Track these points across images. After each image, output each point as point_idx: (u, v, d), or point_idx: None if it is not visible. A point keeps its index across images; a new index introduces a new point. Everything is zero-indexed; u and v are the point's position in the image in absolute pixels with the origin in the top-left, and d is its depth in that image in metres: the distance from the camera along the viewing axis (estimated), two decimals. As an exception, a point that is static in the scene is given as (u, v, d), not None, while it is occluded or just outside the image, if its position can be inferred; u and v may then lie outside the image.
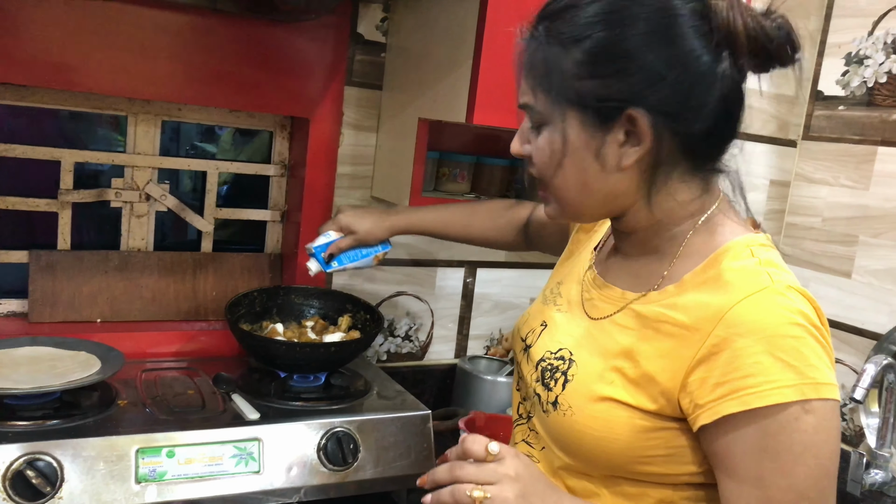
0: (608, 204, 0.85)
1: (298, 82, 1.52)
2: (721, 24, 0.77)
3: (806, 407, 0.73)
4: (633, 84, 0.77)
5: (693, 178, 0.84)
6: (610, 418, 0.82)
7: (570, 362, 0.88)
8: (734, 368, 0.75)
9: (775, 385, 0.73)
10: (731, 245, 0.82)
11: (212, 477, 1.14)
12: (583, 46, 0.78)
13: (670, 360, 0.79)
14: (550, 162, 0.84)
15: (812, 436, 0.74)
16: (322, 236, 1.37)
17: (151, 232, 1.56)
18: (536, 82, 0.83)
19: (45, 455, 1.04)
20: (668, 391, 0.79)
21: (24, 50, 1.30)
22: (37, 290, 1.45)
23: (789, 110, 2.00)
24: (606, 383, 0.83)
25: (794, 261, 1.99)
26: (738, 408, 0.74)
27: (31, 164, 1.47)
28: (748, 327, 0.75)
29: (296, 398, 1.31)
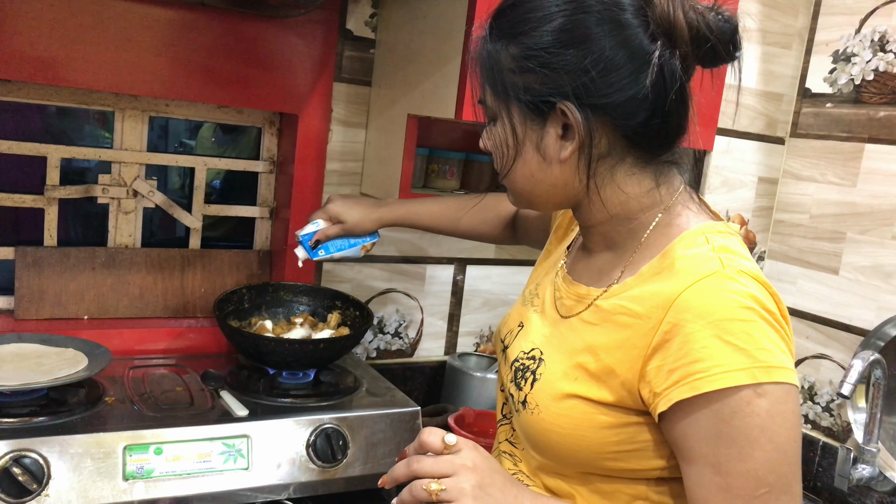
0: (556, 195, 0.87)
1: (287, 78, 1.52)
2: (659, 15, 0.78)
3: (758, 391, 0.73)
4: (560, 78, 0.79)
5: (643, 171, 0.85)
6: (574, 415, 0.83)
7: (540, 361, 0.89)
8: (684, 354, 0.75)
9: (725, 369, 0.73)
10: (685, 234, 0.83)
11: (200, 474, 1.13)
12: (517, 43, 0.81)
13: (626, 351, 0.80)
14: (501, 154, 0.87)
15: (766, 420, 0.73)
16: (311, 224, 1.37)
17: (139, 228, 1.55)
18: (483, 78, 0.87)
19: (32, 452, 1.03)
20: (628, 382, 0.80)
21: (9, 44, 1.29)
22: (23, 286, 1.44)
23: (777, 108, 2.01)
24: (570, 380, 0.84)
25: (782, 257, 2.00)
26: (689, 393, 0.74)
27: (17, 160, 1.46)
28: (696, 312, 0.75)
29: (285, 395, 1.31)
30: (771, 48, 1.95)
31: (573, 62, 0.79)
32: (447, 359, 1.77)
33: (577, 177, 0.84)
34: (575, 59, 0.78)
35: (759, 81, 1.96)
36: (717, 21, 0.79)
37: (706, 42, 0.79)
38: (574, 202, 0.88)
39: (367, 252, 1.41)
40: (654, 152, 0.85)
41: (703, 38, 0.79)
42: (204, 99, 1.48)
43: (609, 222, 0.88)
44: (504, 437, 1.00)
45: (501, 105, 0.85)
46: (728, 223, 0.87)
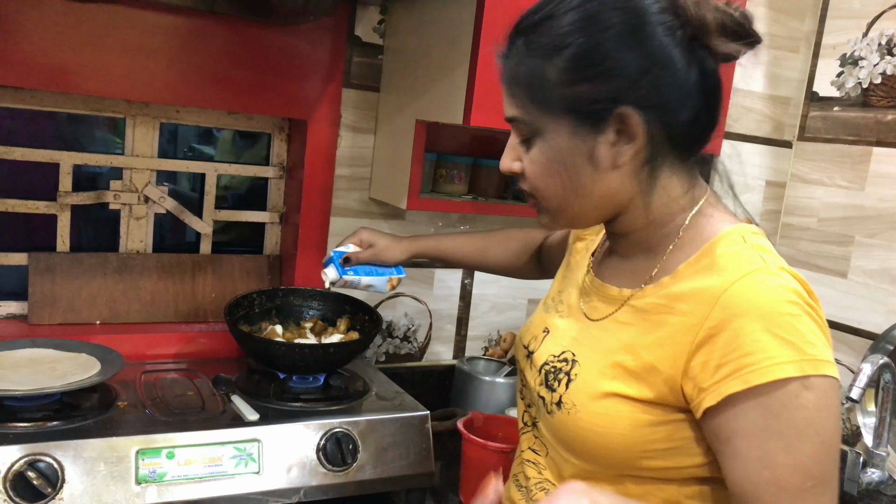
0: (604, 206, 0.87)
1: (296, 84, 1.53)
2: (693, 16, 0.81)
3: (806, 383, 0.74)
4: (619, 83, 0.80)
5: (681, 171, 0.86)
6: (612, 413, 0.83)
7: (573, 363, 0.89)
8: (734, 348, 0.76)
9: (775, 361, 0.74)
10: (723, 234, 0.84)
11: (212, 478, 1.14)
12: (565, 54, 0.81)
13: (670, 348, 0.80)
14: (546, 171, 0.85)
15: (813, 413, 0.74)
16: (341, 246, 1.39)
17: (150, 234, 1.57)
18: (523, 95, 0.85)
19: (46, 456, 1.04)
20: (671, 378, 0.80)
21: (23, 52, 1.31)
22: (36, 292, 1.45)
23: (784, 111, 2.01)
24: (608, 379, 0.84)
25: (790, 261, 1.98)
26: (741, 386, 0.75)
27: (30, 167, 1.47)
28: (745, 307, 0.76)
29: (295, 399, 1.32)
30: (778, 52, 1.96)
31: (629, 67, 0.79)
32: (456, 363, 1.78)
33: (629, 183, 0.85)
34: (631, 63, 0.79)
35: (766, 85, 1.96)
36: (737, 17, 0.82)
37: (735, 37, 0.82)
38: (617, 212, 0.88)
39: (394, 288, 1.41)
40: (692, 149, 0.86)
41: (731, 34, 0.82)
42: (214, 105, 1.49)
43: (649, 227, 0.88)
44: (527, 445, 1.00)
45: (546, 120, 0.83)
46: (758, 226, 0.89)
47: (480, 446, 1.32)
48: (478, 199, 1.66)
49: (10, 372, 1.19)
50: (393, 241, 1.39)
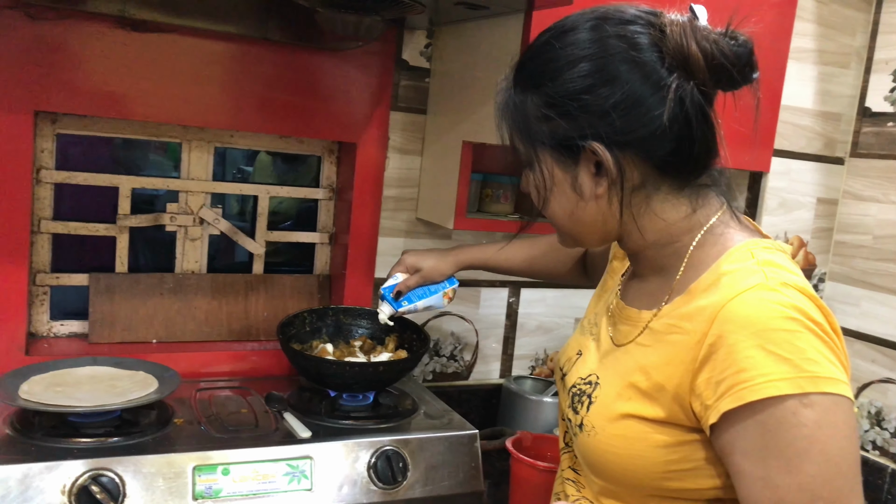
0: (597, 230, 0.90)
1: (346, 108, 1.56)
2: (674, 49, 0.81)
3: (804, 401, 0.72)
4: (586, 121, 0.82)
5: (678, 197, 0.87)
6: (630, 435, 0.84)
7: (596, 385, 0.90)
8: (729, 364, 0.75)
9: (768, 378, 0.73)
10: (732, 250, 0.84)
11: (265, 494, 1.16)
12: (540, 92, 0.85)
13: (675, 366, 0.81)
14: (539, 196, 0.91)
15: (815, 431, 0.72)
16: (390, 279, 1.41)
17: (205, 255, 1.61)
18: (512, 127, 0.90)
19: (108, 471, 1.07)
20: (679, 396, 0.80)
21: (86, 81, 1.37)
22: (96, 311, 1.50)
23: (835, 127, 1.98)
24: (624, 400, 0.85)
25: (844, 279, 1.96)
26: (734, 403, 0.74)
27: (89, 191, 1.53)
28: (739, 322, 0.75)
29: (345, 417, 1.33)
30: (828, 68, 1.93)
31: (597, 105, 0.82)
32: (503, 382, 1.78)
33: (613, 211, 0.87)
34: (598, 101, 0.82)
35: (817, 101, 1.94)
36: (731, 47, 0.81)
37: (722, 69, 0.81)
38: (616, 234, 0.91)
39: (451, 300, 1.43)
40: (687, 178, 0.86)
41: (719, 66, 0.80)
42: (267, 130, 1.53)
43: (651, 248, 0.90)
44: (567, 465, 1.01)
45: (532, 151, 0.88)
46: (776, 241, 0.87)
47: (530, 466, 1.32)
48: (524, 219, 1.67)
49: (72, 389, 1.23)
50: (438, 259, 1.40)
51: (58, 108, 1.37)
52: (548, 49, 0.85)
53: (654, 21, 0.83)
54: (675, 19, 0.82)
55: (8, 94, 1.31)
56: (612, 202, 0.86)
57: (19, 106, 1.33)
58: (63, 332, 1.53)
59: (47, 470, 1.05)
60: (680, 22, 0.82)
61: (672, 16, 0.83)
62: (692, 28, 0.81)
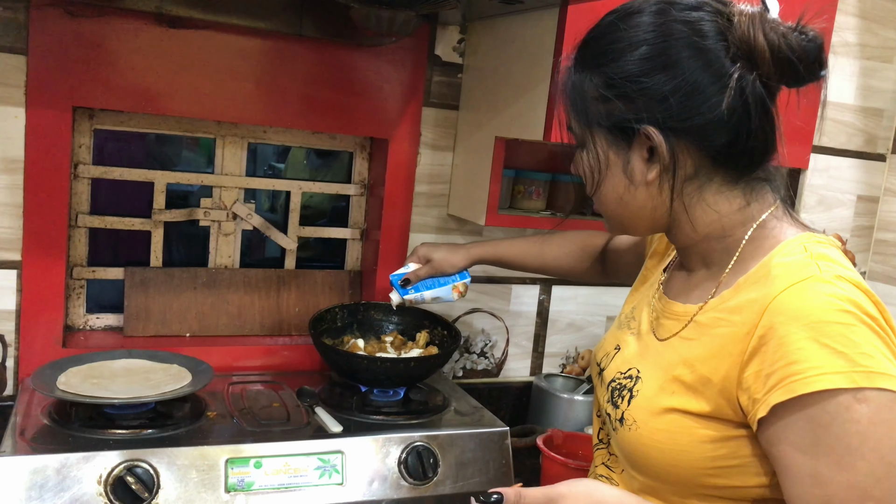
0: (646, 217, 0.89)
1: (378, 104, 1.56)
2: (739, 38, 0.79)
3: (858, 396, 0.70)
4: (645, 104, 0.82)
5: (732, 190, 0.85)
6: (673, 430, 0.82)
7: (637, 379, 0.89)
8: (780, 357, 0.73)
9: (821, 371, 0.71)
10: (784, 243, 0.83)
11: (297, 488, 1.17)
12: (600, 72, 0.84)
13: (722, 359, 0.79)
14: (590, 179, 0.90)
15: (868, 427, 0.70)
16: (403, 268, 1.44)
17: (238, 250, 1.62)
18: (569, 107, 0.89)
19: (143, 462, 1.09)
20: (726, 390, 0.79)
21: (121, 77, 1.38)
22: (131, 305, 1.52)
23: (877, 123, 1.93)
24: (668, 394, 0.84)
25: (885, 278, 1.91)
26: (785, 396, 0.72)
27: (124, 186, 1.55)
28: (792, 314, 0.74)
29: (376, 412, 1.34)
30: (870, 62, 1.89)
31: (655, 89, 0.81)
32: (533, 379, 1.77)
33: (664, 198, 0.86)
34: (657, 85, 0.81)
35: (858, 97, 1.90)
36: (800, 41, 0.79)
37: (789, 63, 0.79)
38: (665, 224, 0.89)
39: (462, 294, 1.44)
40: (742, 171, 0.85)
41: (785, 60, 0.79)
42: (300, 125, 1.54)
43: (703, 241, 0.88)
44: (601, 461, 1.00)
45: (587, 132, 0.88)
46: (829, 236, 0.86)
47: (561, 464, 1.31)
48: (556, 215, 1.66)
49: (108, 381, 1.25)
50: (449, 252, 1.41)
51: (95, 103, 1.39)
52: (611, 30, 0.85)
53: (722, 9, 0.82)
54: (745, 9, 0.81)
55: (48, 91, 1.34)
56: (662, 189, 0.85)
57: (58, 102, 1.35)
58: (99, 325, 1.55)
59: (84, 460, 1.07)
60: (749, 12, 0.80)
61: (742, 6, 0.82)
62: (761, 19, 0.80)
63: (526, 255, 1.41)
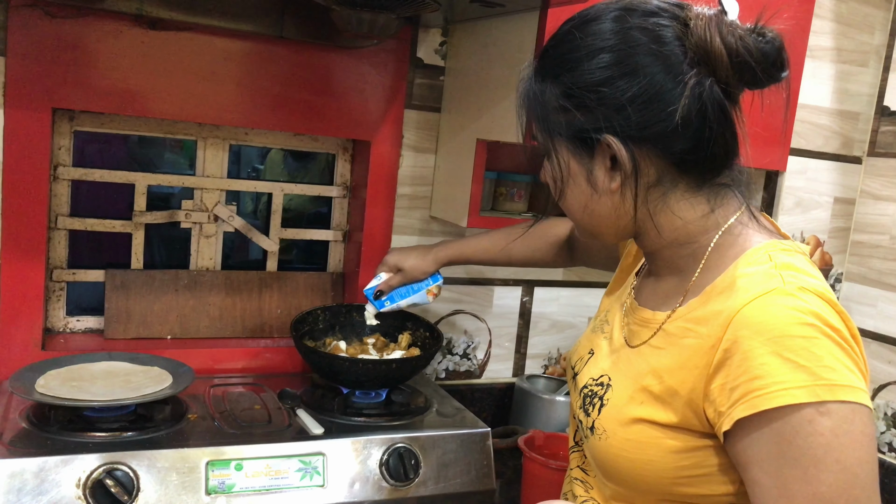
0: (612, 225, 0.88)
1: (360, 106, 1.56)
2: (696, 43, 0.79)
3: (821, 409, 0.71)
4: (602, 114, 0.81)
5: (696, 196, 0.85)
6: (642, 440, 0.83)
7: (608, 387, 0.89)
8: (743, 371, 0.74)
9: (784, 386, 0.71)
10: (749, 252, 0.82)
11: (278, 490, 1.17)
12: (558, 82, 0.84)
13: (689, 371, 0.79)
14: (555, 187, 0.90)
15: (832, 439, 0.71)
16: (374, 279, 1.46)
17: (219, 252, 1.62)
18: (530, 117, 0.89)
19: (123, 465, 1.08)
20: (692, 402, 0.79)
21: (102, 79, 1.38)
22: (112, 307, 1.51)
23: (853, 126, 1.96)
24: (636, 404, 0.84)
25: (861, 279, 1.94)
26: (749, 411, 0.73)
27: (105, 188, 1.54)
28: (755, 329, 0.74)
29: (358, 414, 1.34)
30: (846, 66, 1.91)
31: (614, 98, 0.80)
32: (516, 380, 1.78)
33: (628, 206, 0.86)
34: (616, 94, 0.80)
35: (834, 100, 1.92)
36: (757, 44, 0.78)
37: (747, 66, 0.78)
38: (631, 230, 0.89)
39: (436, 296, 1.47)
40: (705, 177, 0.85)
41: (743, 63, 0.78)
42: (282, 127, 1.54)
43: (668, 247, 0.88)
44: (576, 464, 1.00)
45: (549, 141, 0.87)
46: (795, 242, 0.86)
47: (542, 464, 1.32)
48: (538, 217, 1.67)
49: (88, 384, 1.24)
50: (419, 258, 1.43)
51: (75, 105, 1.38)
52: (569, 38, 0.84)
53: (678, 14, 0.81)
54: (702, 13, 0.80)
55: (26, 92, 1.33)
56: (626, 198, 0.85)
57: (37, 103, 1.34)
58: (79, 327, 1.54)
59: (63, 463, 1.06)
60: (706, 16, 0.79)
61: (699, 9, 0.81)
62: (718, 22, 0.79)
63: (491, 253, 1.41)
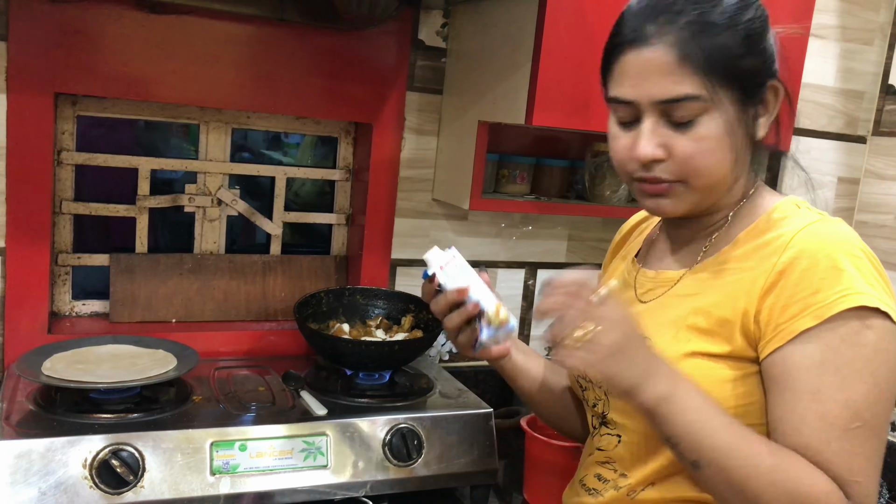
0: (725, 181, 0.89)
1: (362, 89, 1.56)
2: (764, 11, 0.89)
3: (867, 322, 0.77)
4: (771, 59, 0.87)
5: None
6: (695, 373, 0.84)
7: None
8: (802, 288, 0.79)
9: (841, 294, 0.78)
10: (777, 204, 0.90)
11: (282, 470, 1.18)
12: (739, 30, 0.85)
13: (737, 299, 0.84)
14: (716, 147, 0.85)
15: (871, 353, 0.77)
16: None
17: (223, 235, 1.63)
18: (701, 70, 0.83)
19: (128, 446, 1.09)
20: (744, 327, 0.83)
21: (104, 63, 1.38)
22: (117, 291, 1.53)
23: (858, 105, 1.95)
24: (684, 342, 0.87)
25: (865, 260, 1.93)
26: (811, 322, 0.78)
27: (109, 172, 1.55)
28: (812, 249, 0.81)
29: (361, 395, 1.35)
30: (851, 45, 1.90)
31: (772, 47, 0.88)
32: (519, 362, 1.78)
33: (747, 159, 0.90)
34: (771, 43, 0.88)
35: (838, 79, 1.91)
36: None
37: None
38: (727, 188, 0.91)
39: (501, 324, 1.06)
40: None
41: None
42: (283, 110, 1.54)
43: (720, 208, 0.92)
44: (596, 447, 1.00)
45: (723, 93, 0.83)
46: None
47: (544, 444, 1.33)
48: (540, 199, 1.67)
49: (94, 366, 1.26)
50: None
51: (78, 90, 1.38)
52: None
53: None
54: None
55: (29, 77, 1.33)
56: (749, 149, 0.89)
57: (40, 88, 1.34)
58: (85, 311, 1.55)
59: (69, 444, 1.07)
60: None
61: None
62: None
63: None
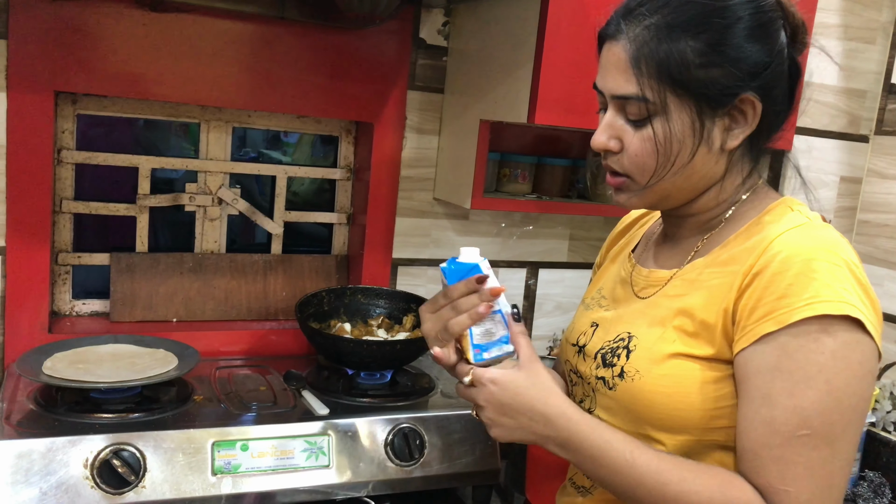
0: (696, 186, 0.89)
1: (363, 88, 1.56)
2: (793, 18, 0.87)
3: (829, 330, 0.75)
4: (746, 70, 0.84)
5: (749, 154, 0.90)
6: (678, 374, 0.84)
7: (630, 338, 0.91)
8: (771, 291, 0.78)
9: (808, 301, 0.76)
10: (771, 206, 0.89)
11: (283, 470, 1.18)
12: (702, 38, 0.83)
13: (719, 302, 0.83)
14: (659, 150, 0.85)
15: (828, 360, 0.75)
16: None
17: (224, 235, 1.62)
18: (653, 73, 0.83)
19: (129, 446, 1.09)
20: (724, 327, 0.83)
21: (104, 62, 1.37)
22: (117, 290, 1.52)
23: (860, 104, 1.94)
24: (669, 342, 0.87)
25: (868, 259, 1.93)
26: (773, 327, 0.77)
27: (109, 171, 1.54)
28: (786, 253, 0.79)
29: (363, 395, 1.34)
30: (853, 43, 1.89)
31: (755, 57, 0.83)
32: (520, 362, 1.78)
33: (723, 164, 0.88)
34: (757, 54, 0.83)
35: (841, 78, 1.90)
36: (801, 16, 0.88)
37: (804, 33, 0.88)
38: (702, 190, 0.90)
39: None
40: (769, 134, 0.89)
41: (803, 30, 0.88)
42: (284, 109, 1.53)
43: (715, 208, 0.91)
44: None
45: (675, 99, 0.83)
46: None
47: (546, 444, 1.32)
48: (542, 198, 1.67)
49: (94, 366, 1.25)
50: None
51: (78, 88, 1.38)
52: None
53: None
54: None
55: (29, 75, 1.33)
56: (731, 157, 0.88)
57: (40, 86, 1.34)
58: (85, 310, 1.55)
59: (70, 444, 1.07)
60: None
61: None
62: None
63: None
